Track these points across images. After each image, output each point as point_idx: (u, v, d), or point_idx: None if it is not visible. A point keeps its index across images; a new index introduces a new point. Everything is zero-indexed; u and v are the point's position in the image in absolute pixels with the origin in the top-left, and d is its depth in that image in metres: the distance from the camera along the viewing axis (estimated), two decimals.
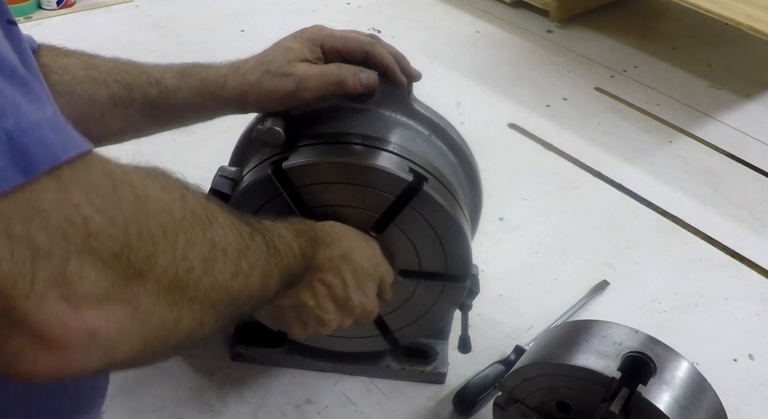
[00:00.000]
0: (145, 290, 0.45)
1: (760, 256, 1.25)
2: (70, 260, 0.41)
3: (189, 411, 0.94)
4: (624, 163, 1.46)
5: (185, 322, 0.49)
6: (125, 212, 0.44)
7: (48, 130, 0.42)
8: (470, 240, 0.87)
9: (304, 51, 0.80)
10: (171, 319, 0.48)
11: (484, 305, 1.07)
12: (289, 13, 1.92)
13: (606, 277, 1.18)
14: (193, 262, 0.49)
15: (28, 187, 0.40)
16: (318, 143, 0.82)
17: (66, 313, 0.42)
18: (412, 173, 0.80)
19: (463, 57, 1.79)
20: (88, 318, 0.43)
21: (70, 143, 0.43)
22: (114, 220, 0.43)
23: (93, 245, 0.42)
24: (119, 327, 0.44)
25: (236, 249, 0.55)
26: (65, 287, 0.41)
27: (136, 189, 0.46)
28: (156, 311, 0.46)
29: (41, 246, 0.40)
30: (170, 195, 0.49)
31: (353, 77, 0.79)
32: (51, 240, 0.41)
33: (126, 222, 0.44)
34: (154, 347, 0.48)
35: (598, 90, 1.69)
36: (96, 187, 0.43)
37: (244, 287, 0.56)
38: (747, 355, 1.07)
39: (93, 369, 0.45)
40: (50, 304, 0.41)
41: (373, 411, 0.96)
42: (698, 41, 1.92)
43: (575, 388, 0.78)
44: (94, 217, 0.42)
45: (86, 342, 0.43)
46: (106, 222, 0.43)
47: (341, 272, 0.74)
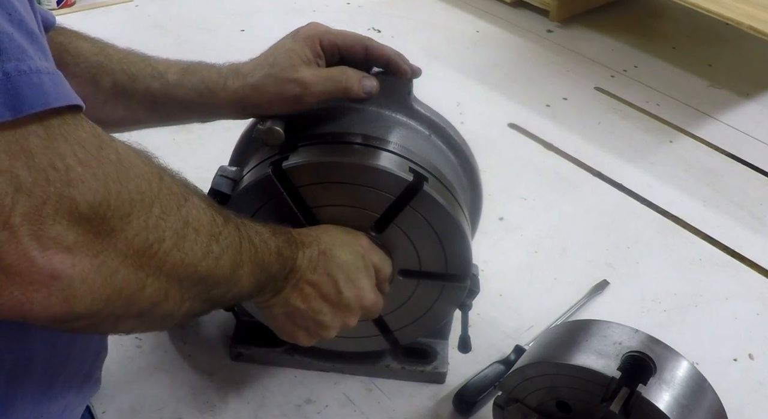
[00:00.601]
0: (114, 248, 0.48)
1: (760, 256, 1.25)
2: (48, 202, 0.44)
3: (189, 411, 0.94)
4: (624, 163, 1.46)
5: (149, 290, 0.51)
6: (107, 170, 0.47)
7: (45, 78, 0.45)
8: (470, 240, 0.87)
9: (305, 51, 0.80)
10: (135, 283, 0.50)
11: (484, 305, 1.07)
12: (289, 13, 1.92)
13: (606, 277, 1.18)
14: (164, 233, 0.51)
15: (17, 127, 0.43)
16: (318, 143, 0.82)
17: (34, 250, 0.44)
18: (412, 172, 0.80)
19: (464, 57, 1.79)
20: (55, 259, 0.45)
21: (62, 95, 0.46)
22: (95, 174, 0.46)
23: (72, 194, 0.45)
24: (83, 276, 0.46)
25: (208, 231, 0.56)
26: (38, 226, 0.44)
27: (119, 153, 0.49)
28: (121, 271, 0.48)
29: (23, 183, 0.43)
30: (150, 168, 0.52)
31: (358, 84, 0.79)
32: (33, 180, 0.43)
33: (106, 179, 0.47)
34: (115, 307, 0.49)
35: (598, 90, 1.69)
36: (82, 141, 0.46)
37: (213, 270, 0.57)
38: (747, 355, 1.07)
39: (54, 315, 0.46)
40: (22, 238, 0.43)
41: (373, 410, 0.96)
42: (698, 41, 1.92)
43: (575, 388, 0.78)
44: (76, 167, 0.45)
45: (48, 282, 0.45)
46: (88, 175, 0.46)
47: (326, 269, 0.73)
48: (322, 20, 0.86)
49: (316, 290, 0.73)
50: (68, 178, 0.45)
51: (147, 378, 0.98)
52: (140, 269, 0.50)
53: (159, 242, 0.51)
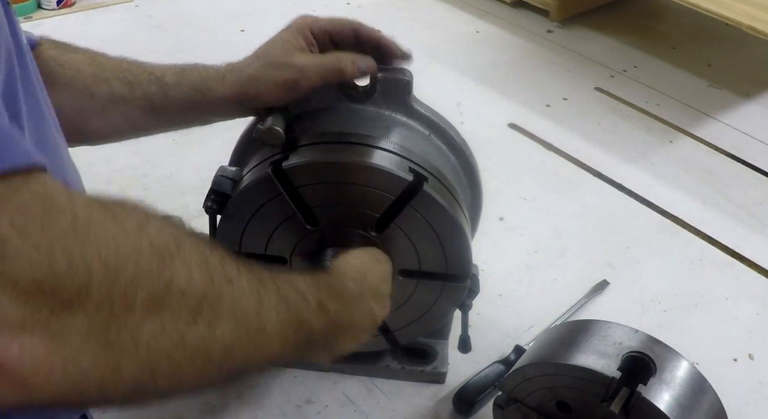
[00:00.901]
0: (73, 326, 0.40)
1: (760, 256, 1.25)
2: None
3: (189, 411, 0.94)
4: (624, 163, 1.46)
5: (127, 370, 0.43)
6: (53, 238, 0.40)
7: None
8: (470, 240, 0.87)
9: (297, 39, 0.81)
10: (106, 363, 0.42)
11: (484, 305, 1.07)
12: (289, 13, 1.89)
13: (606, 277, 1.18)
14: (134, 302, 0.43)
15: None
16: (318, 143, 0.82)
17: None
18: (412, 172, 0.80)
19: (463, 57, 1.79)
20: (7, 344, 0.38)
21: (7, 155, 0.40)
22: (38, 245, 0.39)
23: (9, 269, 0.38)
24: (35, 361, 0.39)
25: (201, 291, 0.48)
26: None
27: (76, 217, 0.41)
28: (86, 351, 0.41)
29: None
30: (121, 226, 0.44)
31: (352, 64, 0.79)
32: None
33: (52, 249, 0.40)
34: (88, 393, 0.43)
35: (598, 90, 1.69)
36: (24, 207, 0.39)
37: (209, 338, 0.48)
38: (747, 355, 1.07)
39: (9, 404, 0.40)
40: None
41: (373, 410, 0.96)
42: (698, 41, 1.92)
43: (575, 388, 0.78)
44: (12, 238, 0.38)
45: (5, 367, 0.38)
46: (27, 246, 0.39)
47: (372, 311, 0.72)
48: None
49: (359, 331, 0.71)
50: (2, 251, 0.38)
51: None
52: (109, 346, 0.42)
53: (127, 313, 0.43)
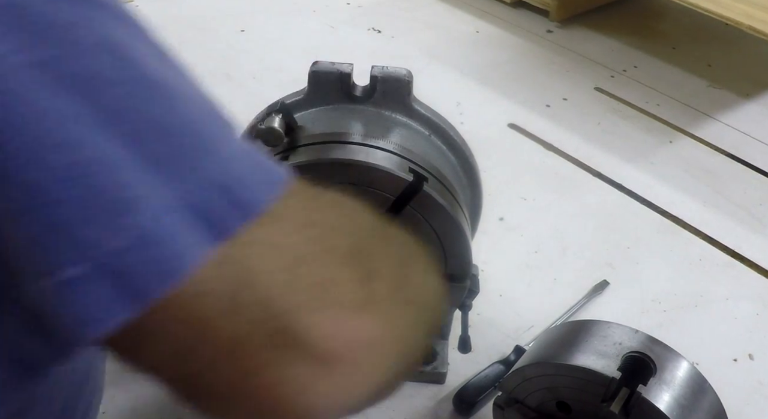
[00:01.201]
0: (380, 289, 0.41)
1: (760, 256, 1.25)
2: (319, 263, 0.37)
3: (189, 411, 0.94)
4: (624, 163, 1.46)
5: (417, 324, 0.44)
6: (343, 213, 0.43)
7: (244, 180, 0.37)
8: (470, 240, 0.87)
9: None
10: (405, 320, 0.42)
11: (484, 305, 1.07)
12: (289, 13, 1.92)
13: (606, 277, 1.18)
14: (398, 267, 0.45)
15: None
16: (318, 143, 0.82)
17: (337, 323, 0.37)
18: (412, 173, 0.80)
19: (463, 57, 1.79)
20: (356, 325, 0.38)
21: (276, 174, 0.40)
22: (340, 219, 0.42)
23: (333, 245, 0.39)
24: (382, 331, 0.39)
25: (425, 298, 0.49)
26: (326, 294, 0.37)
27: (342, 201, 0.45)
28: (393, 311, 0.41)
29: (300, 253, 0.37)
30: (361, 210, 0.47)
31: None
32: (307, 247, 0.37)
33: (347, 221, 0.43)
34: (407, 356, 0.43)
35: (598, 90, 1.69)
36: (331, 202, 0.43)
37: None
38: (747, 355, 1.07)
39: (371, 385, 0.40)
40: (318, 314, 0.36)
41: (373, 410, 0.96)
42: (698, 41, 1.92)
43: (575, 388, 0.78)
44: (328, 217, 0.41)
45: (364, 353, 0.38)
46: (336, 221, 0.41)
47: None
48: (322, 20, 0.87)
49: None
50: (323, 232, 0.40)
51: None
52: (402, 304, 0.43)
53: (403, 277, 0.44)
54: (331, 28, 1.85)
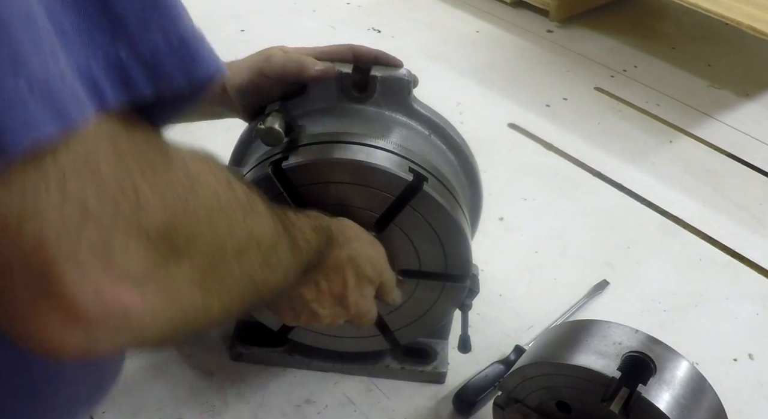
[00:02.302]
0: (181, 272, 0.44)
1: (760, 256, 1.25)
2: (116, 229, 0.39)
3: (189, 411, 0.94)
4: (624, 163, 1.46)
5: (213, 309, 0.48)
6: (175, 191, 0.43)
7: None
8: (470, 240, 0.87)
9: (291, 50, 0.88)
10: (201, 304, 0.47)
11: (484, 305, 1.07)
12: (289, 13, 1.92)
13: (606, 277, 1.18)
14: (228, 249, 0.49)
15: (86, 141, 0.38)
16: (318, 143, 0.82)
17: (104, 286, 0.39)
18: (412, 172, 0.80)
19: (463, 57, 1.79)
20: (125, 296, 0.40)
21: None
22: (164, 197, 0.42)
23: (141, 220, 0.40)
24: (152, 308, 0.42)
25: (269, 242, 0.55)
26: (107, 258, 0.39)
27: (188, 169, 0.45)
28: (188, 295, 0.45)
29: (91, 208, 0.38)
30: (217, 179, 0.48)
31: (312, 64, 0.84)
32: (101, 205, 0.38)
33: (175, 201, 0.43)
34: (179, 330, 0.47)
35: (598, 90, 1.69)
36: (152, 162, 0.42)
37: (268, 280, 0.56)
38: (747, 355, 1.07)
39: (119, 349, 0.44)
40: (89, 273, 0.38)
41: (373, 410, 0.96)
42: (698, 41, 1.92)
43: (575, 388, 0.78)
44: (145, 191, 0.41)
45: (119, 322, 0.41)
46: (156, 198, 0.41)
47: (345, 273, 0.75)
48: (322, 20, 0.88)
49: (329, 286, 0.75)
50: (138, 203, 0.40)
51: (147, 378, 0.97)
52: (205, 290, 0.47)
53: (223, 259, 0.48)
54: (331, 28, 1.85)
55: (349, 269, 0.76)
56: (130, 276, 0.40)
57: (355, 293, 0.77)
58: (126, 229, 0.40)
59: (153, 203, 0.41)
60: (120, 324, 0.41)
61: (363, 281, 0.77)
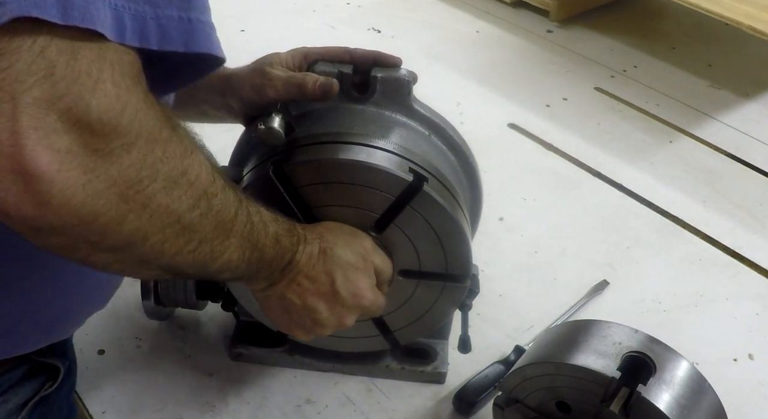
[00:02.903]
0: (105, 171, 0.47)
1: (760, 256, 1.25)
2: (63, 98, 0.45)
3: (189, 411, 0.94)
4: (624, 163, 1.46)
5: (128, 226, 0.51)
6: (131, 99, 0.48)
7: None
8: (470, 240, 0.87)
9: (287, 59, 0.89)
10: (115, 213, 0.49)
11: (484, 305, 1.07)
12: (289, 13, 1.92)
13: (606, 277, 1.18)
14: (158, 174, 0.51)
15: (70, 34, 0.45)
16: (318, 143, 0.82)
17: (28, 138, 0.44)
18: (412, 172, 0.80)
19: (463, 57, 1.79)
20: (43, 157, 0.44)
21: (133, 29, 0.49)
22: (119, 96, 0.47)
23: (90, 101, 0.46)
24: (64, 185, 0.46)
25: (203, 188, 0.56)
26: (43, 116, 0.44)
27: (148, 96, 0.51)
28: (105, 196, 0.48)
29: (57, 71, 0.45)
30: (167, 119, 0.53)
31: (313, 83, 0.83)
32: (65, 72, 0.45)
33: (126, 105, 0.48)
34: (90, 231, 0.49)
35: (598, 90, 1.69)
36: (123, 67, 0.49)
37: (196, 225, 0.57)
38: (747, 355, 1.07)
39: (24, 216, 0.46)
40: (21, 119, 0.43)
41: (373, 411, 0.96)
42: (698, 41, 1.92)
43: (575, 388, 0.78)
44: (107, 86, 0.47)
45: (27, 178, 0.44)
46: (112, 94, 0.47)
47: (325, 267, 0.74)
48: (322, 20, 0.88)
49: (314, 286, 0.73)
50: (95, 87, 0.46)
51: (147, 378, 0.98)
52: (124, 201, 0.49)
53: (150, 181, 0.51)
54: (331, 28, 1.85)
55: (329, 262, 0.74)
56: (54, 145, 0.45)
57: (346, 286, 0.75)
58: (73, 101, 0.45)
59: (108, 96, 0.47)
60: (29, 182, 0.44)
61: (350, 270, 0.76)
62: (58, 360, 0.81)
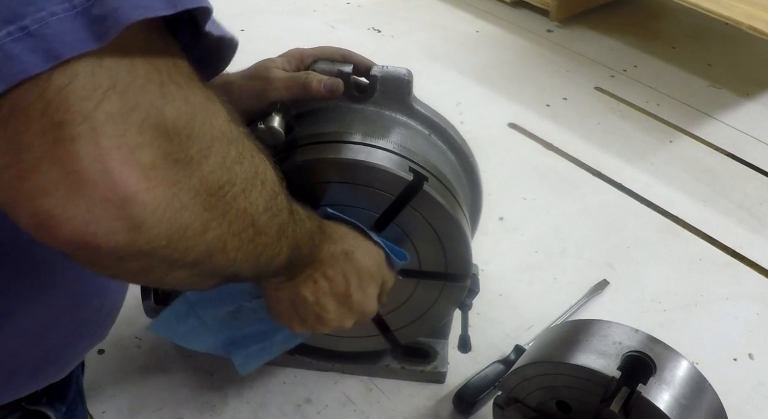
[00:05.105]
0: (188, 180, 0.44)
1: (760, 256, 1.25)
2: (137, 108, 0.41)
3: (189, 411, 0.94)
4: (624, 163, 1.46)
5: (211, 235, 0.48)
6: (198, 99, 0.45)
7: None
8: (470, 240, 0.87)
9: (283, 63, 0.86)
10: (200, 223, 0.46)
11: (484, 305, 1.07)
12: (289, 13, 1.92)
13: (606, 277, 1.18)
14: (236, 177, 0.48)
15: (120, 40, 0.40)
16: (318, 143, 0.82)
17: (114, 159, 0.39)
18: (412, 172, 0.80)
19: (463, 57, 1.79)
20: (132, 177, 0.40)
21: None
22: (187, 98, 0.44)
23: (162, 107, 0.42)
24: (155, 203, 0.42)
25: (272, 187, 0.54)
26: (123, 131, 0.40)
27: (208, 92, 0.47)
28: (190, 207, 0.45)
29: (120, 81, 0.40)
30: (229, 112, 0.50)
31: (318, 82, 0.83)
32: (131, 80, 0.41)
33: (195, 107, 0.44)
34: (176, 248, 0.46)
35: (598, 90, 1.69)
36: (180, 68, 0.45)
37: (268, 227, 0.55)
38: (747, 355, 1.07)
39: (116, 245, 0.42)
40: (102, 140, 0.39)
41: (373, 410, 0.96)
42: (698, 41, 1.92)
43: (575, 388, 0.78)
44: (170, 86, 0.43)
45: (120, 202, 0.41)
46: (180, 96, 0.43)
47: (344, 269, 0.74)
48: (322, 20, 0.88)
49: (329, 286, 0.73)
50: (162, 91, 0.42)
51: (147, 378, 0.98)
52: (208, 209, 0.46)
53: (230, 185, 0.48)
54: (331, 28, 1.85)
55: (348, 266, 0.74)
56: (139, 161, 0.41)
57: (359, 292, 0.75)
58: (147, 110, 0.41)
59: (176, 98, 0.43)
60: (121, 207, 0.41)
61: (366, 279, 0.76)
62: (53, 406, 0.72)
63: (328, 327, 0.76)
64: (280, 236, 0.58)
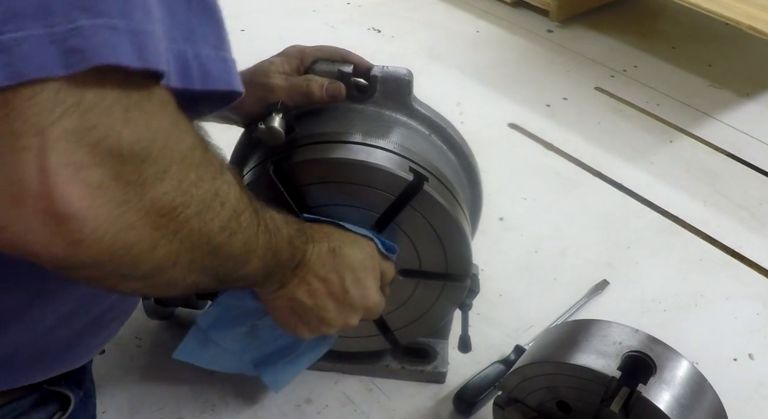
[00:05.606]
0: (138, 202, 0.45)
1: (760, 256, 1.25)
2: (95, 129, 0.42)
3: (189, 410, 0.94)
4: (624, 163, 1.46)
5: (160, 253, 0.49)
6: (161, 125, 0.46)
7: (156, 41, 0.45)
8: (470, 240, 0.87)
9: (284, 65, 0.86)
10: (148, 243, 0.48)
11: (484, 305, 1.07)
12: (289, 13, 1.92)
13: (606, 277, 1.18)
14: (191, 199, 0.50)
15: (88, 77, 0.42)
16: (318, 143, 0.82)
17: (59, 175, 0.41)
18: (413, 172, 0.80)
19: (464, 57, 1.79)
20: (74, 195, 0.42)
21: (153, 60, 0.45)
22: (149, 124, 0.45)
23: (121, 131, 0.43)
24: (96, 223, 0.44)
25: (233, 207, 0.56)
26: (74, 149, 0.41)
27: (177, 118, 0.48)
28: (138, 227, 0.46)
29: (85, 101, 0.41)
30: (197, 138, 0.51)
31: (319, 89, 0.83)
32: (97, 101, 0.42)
33: (157, 132, 0.46)
34: (121, 264, 0.47)
35: (598, 90, 1.69)
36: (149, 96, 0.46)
37: (226, 245, 0.56)
38: (747, 355, 1.07)
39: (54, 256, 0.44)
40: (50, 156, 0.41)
41: (373, 410, 0.96)
42: (698, 41, 1.92)
43: (575, 388, 0.78)
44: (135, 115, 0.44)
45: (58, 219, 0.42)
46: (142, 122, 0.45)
47: (335, 266, 0.74)
48: (322, 20, 0.88)
49: (323, 285, 0.73)
50: (126, 116, 0.43)
51: (147, 377, 0.98)
52: (156, 229, 0.48)
53: (184, 206, 0.49)
54: (331, 28, 1.85)
55: (338, 262, 0.74)
56: (86, 181, 0.42)
57: (356, 286, 0.75)
58: (105, 131, 0.42)
59: (139, 124, 0.44)
60: (59, 222, 0.42)
61: (360, 271, 0.75)
62: (71, 389, 0.76)
63: (332, 327, 0.76)
64: (246, 250, 0.60)
